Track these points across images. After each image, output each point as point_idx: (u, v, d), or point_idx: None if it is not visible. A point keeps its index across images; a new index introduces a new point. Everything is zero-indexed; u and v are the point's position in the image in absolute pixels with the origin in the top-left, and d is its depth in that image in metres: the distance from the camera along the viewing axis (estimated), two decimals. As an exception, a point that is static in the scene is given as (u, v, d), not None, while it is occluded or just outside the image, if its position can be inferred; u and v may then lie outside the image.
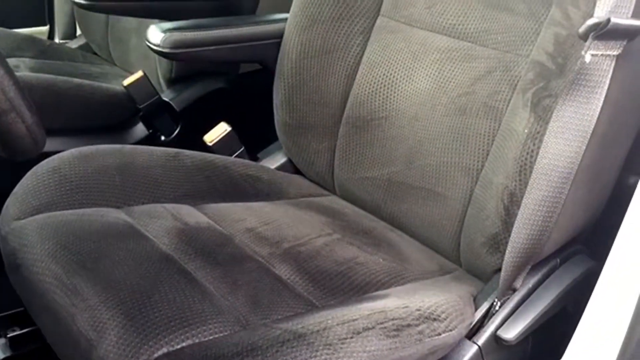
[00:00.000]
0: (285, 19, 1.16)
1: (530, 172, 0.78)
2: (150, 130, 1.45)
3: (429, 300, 0.80)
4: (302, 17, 1.12)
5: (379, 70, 1.07)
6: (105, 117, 1.41)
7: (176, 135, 1.45)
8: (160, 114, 1.44)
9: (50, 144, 0.93)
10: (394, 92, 1.05)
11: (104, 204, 0.92)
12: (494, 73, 0.92)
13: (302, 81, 1.14)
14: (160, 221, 0.90)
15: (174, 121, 1.45)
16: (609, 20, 0.66)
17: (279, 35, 1.17)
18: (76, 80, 1.39)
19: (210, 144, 1.19)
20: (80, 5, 1.30)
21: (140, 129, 1.46)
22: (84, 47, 1.82)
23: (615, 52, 0.70)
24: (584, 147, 0.73)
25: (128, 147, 1.03)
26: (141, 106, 1.42)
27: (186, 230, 0.89)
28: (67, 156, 0.95)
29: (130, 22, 1.60)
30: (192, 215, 0.95)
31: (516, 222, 0.78)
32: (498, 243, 0.86)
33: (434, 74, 1.00)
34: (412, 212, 1.03)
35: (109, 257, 0.78)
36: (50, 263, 0.77)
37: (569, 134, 0.73)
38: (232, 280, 0.80)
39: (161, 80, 1.51)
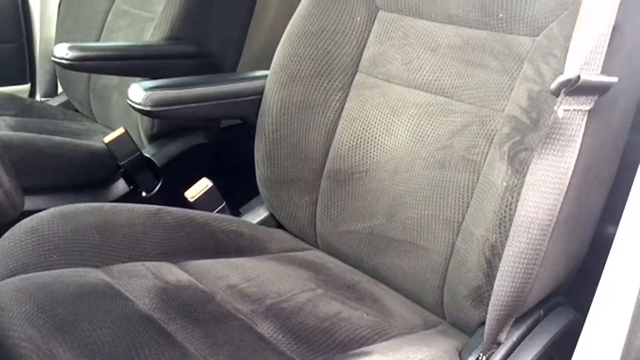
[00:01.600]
0: (266, 76, 1.18)
1: (510, 224, 0.78)
2: (131, 187, 1.45)
3: (415, 357, 0.79)
4: (282, 74, 1.14)
5: (358, 124, 1.09)
6: (86, 175, 1.40)
7: (157, 191, 1.44)
8: (141, 170, 1.44)
9: (29, 203, 0.92)
10: (374, 146, 1.06)
11: (83, 264, 0.91)
12: (470, 127, 0.94)
13: (283, 136, 1.15)
14: (141, 280, 0.89)
15: (155, 177, 1.45)
16: (579, 77, 0.69)
17: (260, 92, 1.19)
18: (57, 138, 1.39)
19: (191, 200, 1.18)
20: (62, 65, 1.31)
21: (121, 186, 1.45)
22: (65, 105, 1.83)
23: (587, 107, 0.72)
24: (561, 200, 0.75)
25: (108, 205, 1.02)
26: (122, 163, 1.42)
27: (167, 289, 0.88)
28: (46, 216, 0.94)
29: (112, 79, 1.61)
30: (173, 273, 0.94)
31: (498, 274, 0.78)
32: (481, 296, 0.86)
33: (412, 128, 1.01)
34: (394, 265, 1.03)
35: (87, 319, 0.76)
36: (27, 327, 0.75)
37: (546, 187, 0.74)
38: (213, 340, 0.78)
39: (142, 136, 1.51)
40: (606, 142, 0.84)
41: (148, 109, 1.09)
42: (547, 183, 0.74)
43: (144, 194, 1.44)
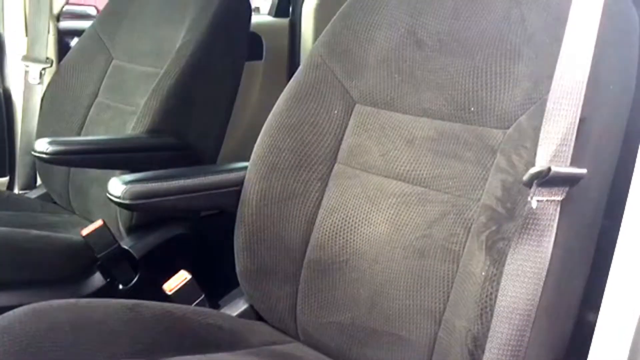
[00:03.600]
0: (245, 167, 1.20)
1: (492, 315, 0.78)
2: (108, 279, 1.42)
3: None
4: (262, 165, 1.16)
5: (337, 214, 1.10)
6: (63, 268, 1.38)
7: (135, 284, 1.42)
8: (119, 262, 1.42)
9: (4, 299, 0.90)
10: (354, 236, 1.07)
11: (56, 364, 0.88)
12: (448, 216, 0.95)
13: (263, 227, 1.15)
14: (115, 380, 0.86)
15: (132, 269, 1.43)
16: (549, 169, 0.71)
17: (239, 183, 1.20)
18: (34, 231, 1.37)
19: (169, 293, 1.16)
20: (42, 160, 1.32)
21: (97, 278, 1.42)
22: (44, 197, 1.82)
23: (559, 198, 0.74)
24: (540, 289, 0.75)
25: (83, 300, 1.00)
26: (99, 255, 1.40)
27: (142, 389, 0.85)
28: (19, 314, 0.91)
29: (92, 171, 1.62)
30: (149, 371, 0.90)
31: (482, 367, 0.77)
32: (466, 389, 0.84)
33: (391, 218, 1.02)
34: (377, 357, 1.01)
35: None
36: None
37: (525, 276, 0.74)
38: None
39: (121, 228, 1.50)
40: (581, 231, 0.86)
41: (127, 202, 1.09)
42: (526, 273, 0.74)
43: (120, 286, 1.42)
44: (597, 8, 0.74)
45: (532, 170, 0.72)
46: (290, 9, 2.45)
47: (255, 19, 1.84)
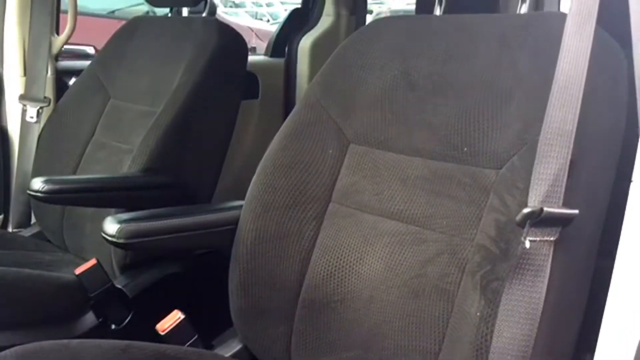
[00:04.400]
0: (240, 206, 1.20)
1: (487, 355, 0.78)
2: (100, 319, 1.41)
3: None
4: (257, 204, 1.17)
5: (332, 254, 1.10)
6: (55, 308, 1.36)
7: (127, 324, 1.40)
8: (112, 301, 1.40)
9: (-6, 339, 0.89)
10: (348, 275, 1.06)
11: (46, 407, 0.86)
12: (442, 256, 0.95)
13: (257, 266, 1.15)
14: None
15: (126, 308, 1.41)
16: (542, 209, 0.72)
17: (234, 222, 1.20)
18: (26, 270, 1.36)
19: (162, 334, 1.15)
20: (38, 198, 1.32)
21: (89, 318, 1.41)
22: (38, 235, 1.81)
23: (552, 238, 0.75)
24: (535, 330, 0.75)
25: (74, 342, 0.99)
26: (92, 294, 1.38)
27: None
28: (9, 357, 0.90)
29: (86, 209, 1.62)
30: (140, 415, 0.89)
31: (478, 410, 0.76)
32: None
33: (386, 257, 1.03)
34: (373, 399, 1.00)
35: None
36: None
37: (519, 317, 0.74)
38: None
39: (115, 267, 1.49)
40: (575, 271, 0.86)
41: (122, 241, 1.09)
42: (520, 313, 0.74)
43: (113, 326, 1.40)
44: (585, 51, 0.76)
45: (525, 211, 0.73)
46: (286, 49, 2.50)
47: (251, 58, 1.87)
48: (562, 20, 0.79)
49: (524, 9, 1.06)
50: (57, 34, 1.90)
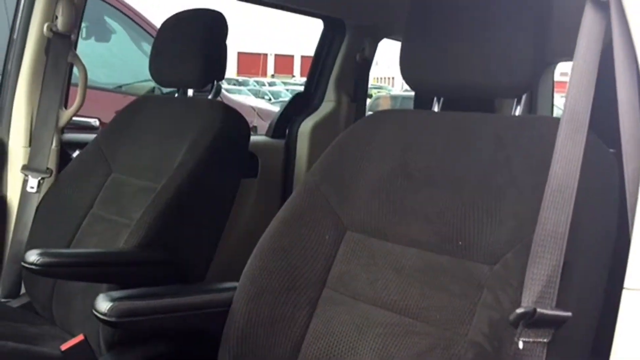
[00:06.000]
0: (234, 288, 1.20)
1: None
2: (83, 398, 1.37)
3: None
4: (251, 287, 1.16)
5: (324, 341, 1.08)
6: (36, 386, 1.33)
7: (110, 404, 1.36)
8: (96, 379, 1.37)
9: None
10: (339, 365, 1.05)
11: None
12: (435, 350, 0.95)
13: (248, 350, 1.14)
14: None
15: (110, 388, 1.38)
16: (535, 310, 0.72)
17: (227, 304, 1.19)
18: (10, 344, 1.33)
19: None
20: (32, 271, 1.31)
21: (71, 397, 1.37)
22: (26, 306, 1.78)
23: (546, 340, 0.75)
24: None
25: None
26: (77, 372, 1.35)
27: None
28: None
29: (78, 283, 1.60)
30: None
31: None
32: None
33: (378, 348, 1.02)
34: None
35: None
36: None
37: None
38: None
39: (102, 343, 1.46)
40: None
41: (113, 319, 1.08)
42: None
43: (97, 405, 1.36)
44: (578, 157, 0.78)
45: (519, 311, 0.73)
46: (287, 131, 2.56)
47: (252, 138, 1.91)
48: (555, 125, 0.82)
49: (518, 111, 1.11)
50: (66, 107, 1.95)
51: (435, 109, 1.21)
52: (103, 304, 1.10)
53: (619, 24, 0.70)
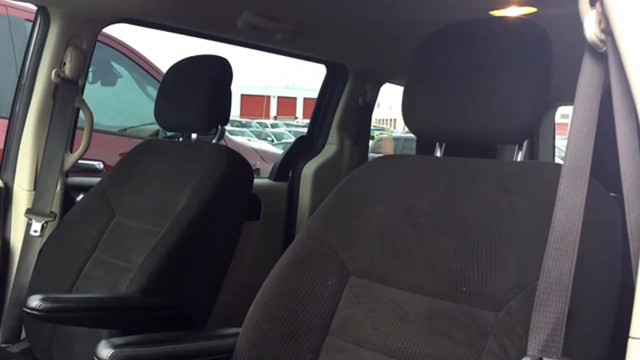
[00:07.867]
0: (236, 334, 1.19)
1: None
2: None
3: None
4: (254, 333, 1.15)
5: (327, 390, 1.07)
6: None
7: None
8: None
9: None
10: (343, 415, 1.03)
11: None
12: (441, 400, 0.93)
13: (250, 398, 1.12)
14: None
15: None
16: (541, 359, 0.71)
17: (229, 350, 1.18)
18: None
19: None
20: (33, 316, 1.30)
21: None
22: (25, 352, 1.76)
23: (555, 388, 0.74)
24: None
25: None
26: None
27: None
28: None
29: (78, 328, 1.59)
30: None
31: None
32: None
33: (382, 397, 1.00)
34: None
35: None
36: None
37: None
38: None
39: (102, 390, 1.44)
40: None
41: (114, 367, 1.07)
42: None
43: None
44: (580, 204, 0.78)
45: (524, 361, 0.72)
46: (290, 174, 2.57)
47: (255, 181, 1.92)
48: (557, 171, 0.82)
49: (519, 157, 1.11)
50: (71, 151, 1.96)
51: (438, 154, 1.22)
52: (104, 351, 1.08)
53: (617, 75, 0.71)
